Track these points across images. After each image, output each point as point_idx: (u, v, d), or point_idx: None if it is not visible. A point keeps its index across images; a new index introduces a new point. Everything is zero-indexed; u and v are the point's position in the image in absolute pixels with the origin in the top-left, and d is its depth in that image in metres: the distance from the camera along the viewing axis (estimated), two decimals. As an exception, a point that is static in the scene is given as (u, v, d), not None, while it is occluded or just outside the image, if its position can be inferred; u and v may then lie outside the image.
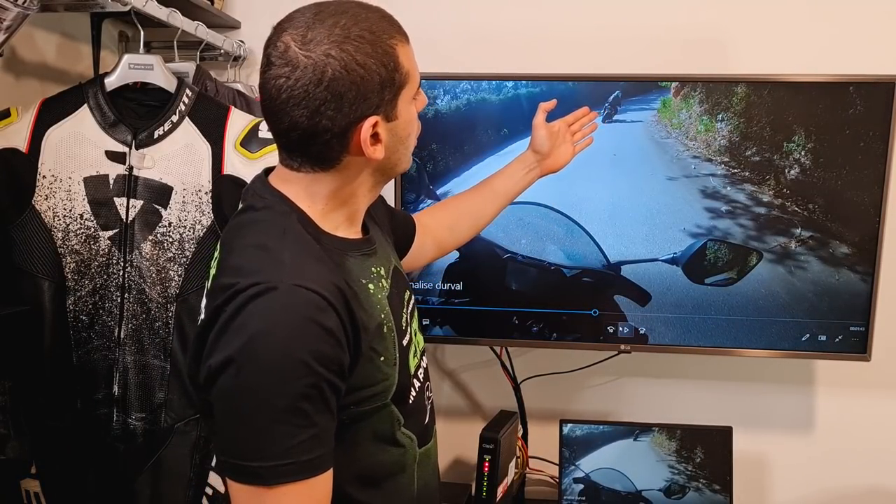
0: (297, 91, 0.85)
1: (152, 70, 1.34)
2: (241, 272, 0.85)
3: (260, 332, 0.81)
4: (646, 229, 1.60)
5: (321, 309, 0.83)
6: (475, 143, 1.60)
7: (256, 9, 1.81)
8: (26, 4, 1.12)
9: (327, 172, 0.92)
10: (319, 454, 0.83)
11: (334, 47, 0.85)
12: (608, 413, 1.85)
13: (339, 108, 0.86)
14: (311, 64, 0.85)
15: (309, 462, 0.82)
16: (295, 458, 0.81)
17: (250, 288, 0.82)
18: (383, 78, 0.87)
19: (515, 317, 1.66)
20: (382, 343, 0.93)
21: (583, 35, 1.75)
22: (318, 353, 0.82)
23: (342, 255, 0.93)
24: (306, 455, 0.81)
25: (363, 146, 0.88)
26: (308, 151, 0.90)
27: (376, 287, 0.96)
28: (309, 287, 0.83)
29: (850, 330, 1.58)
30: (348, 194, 0.95)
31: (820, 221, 1.55)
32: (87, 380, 1.32)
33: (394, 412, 0.96)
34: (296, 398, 0.80)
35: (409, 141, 0.97)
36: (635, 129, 1.57)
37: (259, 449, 0.80)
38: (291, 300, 0.82)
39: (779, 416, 1.83)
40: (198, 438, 1.35)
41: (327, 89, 0.85)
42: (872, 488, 1.82)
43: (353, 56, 0.85)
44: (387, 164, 0.95)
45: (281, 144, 0.92)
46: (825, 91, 1.52)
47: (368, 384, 0.91)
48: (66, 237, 1.30)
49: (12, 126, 1.29)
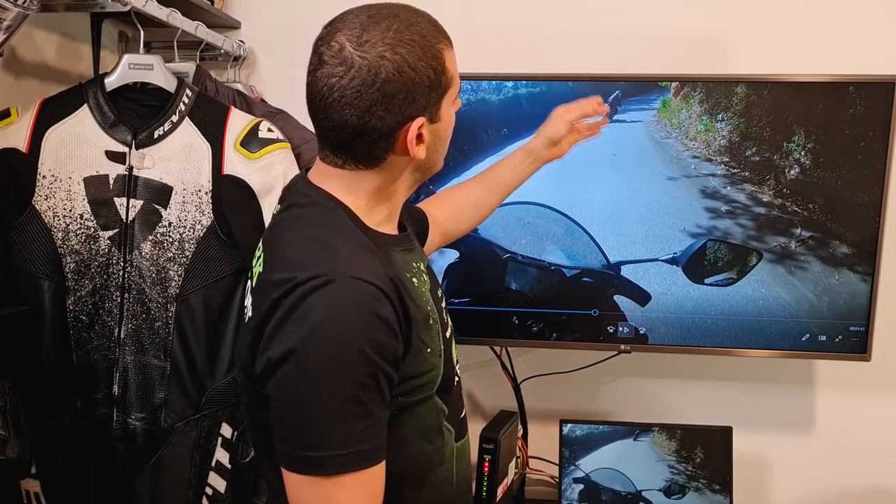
0: (350, 91, 0.87)
1: (152, 70, 1.35)
2: (298, 266, 0.87)
3: (321, 324, 0.82)
4: (646, 229, 1.60)
5: (378, 300, 0.85)
6: (475, 143, 1.60)
7: (256, 9, 1.81)
8: (26, 4, 1.12)
9: (371, 170, 0.94)
10: (376, 444, 0.85)
11: (388, 50, 0.87)
12: (608, 413, 1.85)
13: (390, 108, 0.88)
14: (367, 65, 0.87)
15: (367, 451, 0.84)
16: (354, 448, 0.83)
17: (310, 281, 0.84)
18: (431, 81, 0.90)
19: (515, 317, 1.66)
20: (429, 334, 0.95)
21: (583, 35, 1.75)
22: (376, 343, 0.84)
23: (387, 249, 0.96)
24: (364, 444, 0.84)
25: (409, 146, 0.91)
26: (354, 149, 0.92)
27: (419, 281, 0.99)
28: (366, 279, 0.85)
29: (850, 330, 1.58)
30: (390, 192, 0.97)
31: (820, 221, 1.55)
32: (87, 380, 1.32)
33: (438, 403, 0.99)
34: (355, 387, 0.82)
35: (447, 142, 1.00)
36: (635, 129, 1.57)
37: (319, 439, 0.82)
38: (350, 292, 0.84)
39: (779, 416, 1.83)
40: (198, 438, 1.35)
41: (380, 90, 0.87)
42: (872, 488, 1.82)
43: (406, 59, 0.88)
44: (426, 163, 0.98)
45: (327, 141, 0.94)
46: (825, 91, 1.52)
47: (417, 374, 0.93)
48: (66, 237, 1.30)
49: (12, 126, 1.29)
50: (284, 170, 1.33)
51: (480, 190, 1.35)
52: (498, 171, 1.35)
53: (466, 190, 1.36)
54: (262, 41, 1.81)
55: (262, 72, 1.82)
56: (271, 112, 1.54)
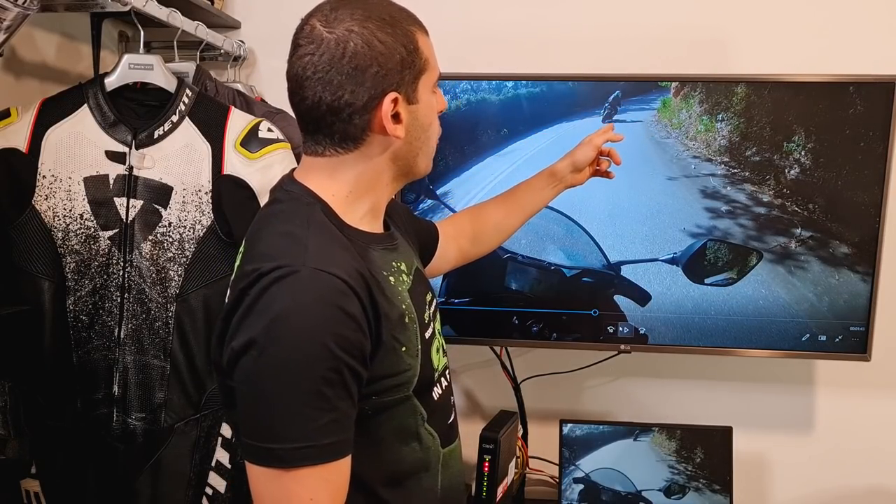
0: (321, 66, 0.89)
1: (152, 70, 1.34)
2: (265, 257, 0.87)
3: (282, 315, 0.82)
4: (646, 229, 1.60)
5: (343, 293, 0.85)
6: (475, 144, 1.60)
7: (256, 9, 1.81)
8: (26, 4, 1.12)
9: (350, 153, 0.94)
10: (339, 439, 0.84)
11: (356, 24, 0.89)
12: (608, 413, 1.85)
13: (361, 82, 0.89)
14: (335, 39, 0.89)
15: (329, 446, 0.83)
16: (315, 442, 0.82)
17: (273, 271, 0.84)
18: (403, 58, 0.91)
19: (515, 317, 1.66)
20: (405, 333, 0.94)
21: (583, 35, 1.75)
22: (339, 338, 0.83)
23: (365, 246, 0.96)
24: (326, 439, 0.83)
25: (384, 121, 0.91)
26: (332, 130, 0.92)
27: (397, 280, 0.98)
28: (331, 272, 0.85)
29: (850, 330, 1.58)
30: (372, 181, 0.97)
31: (820, 221, 1.55)
32: (87, 380, 1.32)
33: (416, 405, 0.97)
34: (317, 382, 0.82)
35: (429, 131, 0.99)
36: (635, 129, 1.57)
37: (279, 431, 0.82)
38: (314, 284, 0.84)
39: (779, 416, 1.83)
40: (198, 438, 1.35)
41: (350, 63, 0.88)
42: (872, 488, 1.82)
43: (375, 33, 0.89)
44: (408, 151, 0.97)
45: (307, 126, 0.95)
46: (825, 91, 1.52)
47: (391, 374, 0.92)
48: (66, 237, 1.30)
49: (12, 126, 1.29)
50: (284, 170, 1.32)
51: (502, 212, 1.34)
52: (520, 192, 1.35)
53: (488, 211, 1.35)
54: (262, 41, 1.81)
55: (262, 72, 1.81)
56: (271, 112, 1.54)
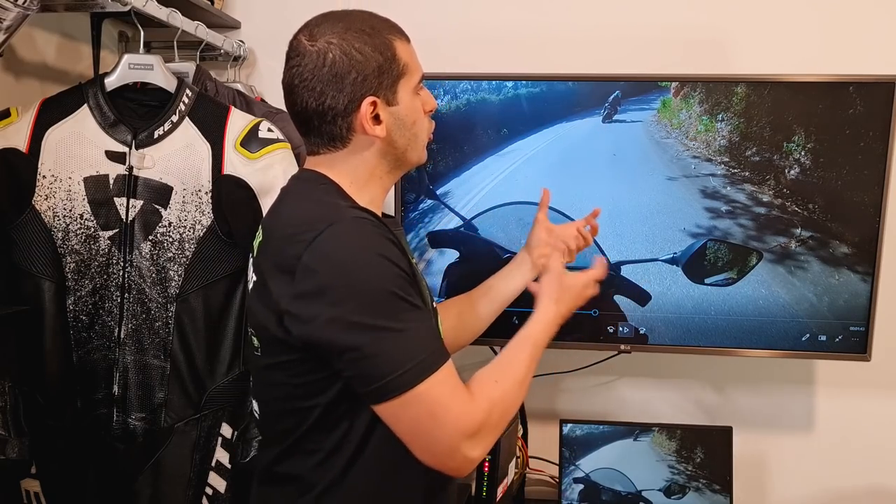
0: (305, 75, 0.99)
1: (152, 70, 1.35)
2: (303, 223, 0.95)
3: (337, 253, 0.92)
4: (646, 229, 1.59)
5: (383, 233, 0.96)
6: (475, 144, 1.60)
7: (256, 9, 1.81)
8: (26, 4, 1.12)
9: (341, 151, 1.03)
10: (439, 345, 0.95)
11: (335, 37, 0.98)
12: (608, 413, 1.85)
13: (341, 88, 0.98)
14: (316, 50, 0.98)
15: (436, 352, 0.93)
16: (425, 353, 0.91)
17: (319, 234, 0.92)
18: (380, 64, 0.99)
19: (515, 317, 1.65)
20: (423, 294, 1.01)
21: (583, 35, 1.75)
22: (391, 252, 0.94)
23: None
24: (431, 345, 0.93)
25: (364, 122, 1.00)
26: (321, 131, 1.02)
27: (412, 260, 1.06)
28: (369, 218, 0.97)
29: (850, 330, 1.58)
30: (367, 174, 1.05)
31: (820, 221, 1.55)
32: (87, 380, 1.32)
33: None
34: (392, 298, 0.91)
35: (414, 128, 1.06)
36: (635, 129, 1.57)
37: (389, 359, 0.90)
38: (356, 226, 0.95)
39: (779, 416, 1.83)
40: (198, 438, 1.35)
41: (330, 71, 0.98)
42: (872, 488, 1.82)
43: (353, 44, 0.98)
44: (395, 147, 1.04)
45: (301, 129, 1.04)
46: (825, 91, 1.52)
47: None
48: (66, 237, 1.30)
49: (12, 126, 1.29)
50: (284, 169, 1.33)
51: (482, 301, 1.37)
52: (494, 281, 1.38)
53: (468, 301, 1.38)
54: (262, 41, 1.81)
55: (262, 72, 1.81)
56: (271, 112, 1.54)
